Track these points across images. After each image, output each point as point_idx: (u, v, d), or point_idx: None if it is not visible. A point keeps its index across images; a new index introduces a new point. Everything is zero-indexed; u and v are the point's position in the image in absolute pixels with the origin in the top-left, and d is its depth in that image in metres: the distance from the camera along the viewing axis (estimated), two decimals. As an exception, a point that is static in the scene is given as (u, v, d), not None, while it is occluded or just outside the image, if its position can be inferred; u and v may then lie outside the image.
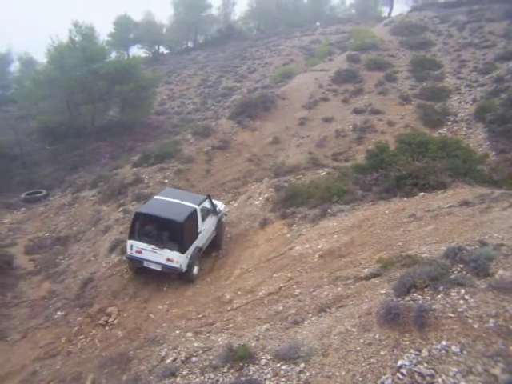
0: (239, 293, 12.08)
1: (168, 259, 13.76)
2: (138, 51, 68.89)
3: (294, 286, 10.95)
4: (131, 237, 14.09)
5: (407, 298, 6.51)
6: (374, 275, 9.12)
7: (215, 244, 16.68)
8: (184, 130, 31.26)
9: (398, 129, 25.34)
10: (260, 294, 11.37)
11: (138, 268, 14.46)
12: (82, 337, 12.31)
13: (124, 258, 15.04)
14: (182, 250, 13.74)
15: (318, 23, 73.87)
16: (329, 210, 15.56)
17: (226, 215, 17.68)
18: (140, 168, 23.00)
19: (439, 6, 52.37)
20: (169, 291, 14.16)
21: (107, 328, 12.51)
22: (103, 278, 14.89)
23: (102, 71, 34.99)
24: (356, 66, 34.03)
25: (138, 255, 14.02)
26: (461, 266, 7.08)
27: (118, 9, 77.66)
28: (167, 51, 73.54)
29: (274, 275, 12.26)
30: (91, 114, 35.08)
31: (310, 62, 44.82)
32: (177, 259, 13.72)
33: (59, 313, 13.60)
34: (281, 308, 9.82)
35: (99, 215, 19.68)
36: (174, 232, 13.84)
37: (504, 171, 18.06)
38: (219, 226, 16.71)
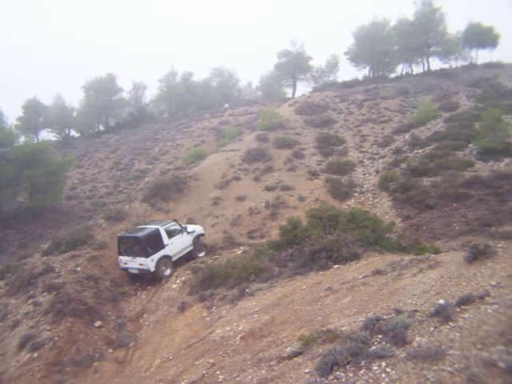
0: (160, 384, 11.44)
1: (140, 264, 19.70)
2: (47, 135, 68.21)
3: (218, 372, 10.50)
4: (119, 254, 20.37)
5: (331, 377, 6.43)
6: (297, 354, 8.98)
7: (192, 255, 22.01)
8: (96, 214, 30.58)
9: (309, 203, 26.23)
10: (182, 384, 10.82)
11: (130, 274, 20.58)
12: None
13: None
14: (146, 256, 19.57)
15: (226, 105, 76.90)
16: (247, 290, 15.44)
17: (203, 235, 23.29)
18: (51, 256, 21.80)
19: (338, 87, 56.69)
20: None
21: None
22: (12, 378, 13.86)
23: (10, 156, 34.08)
24: (265, 145, 35.38)
25: (125, 266, 20.21)
26: (380, 336, 7.18)
27: (28, 92, 76.70)
28: (78, 135, 72.98)
29: (196, 362, 11.75)
30: (-2, 200, 33.46)
31: (220, 142, 46.03)
32: (144, 262, 19.60)
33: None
34: (205, 398, 9.35)
35: (7, 309, 18.34)
36: (138, 244, 20.02)
37: (411, 237, 18.95)
38: (195, 242, 22.20)
